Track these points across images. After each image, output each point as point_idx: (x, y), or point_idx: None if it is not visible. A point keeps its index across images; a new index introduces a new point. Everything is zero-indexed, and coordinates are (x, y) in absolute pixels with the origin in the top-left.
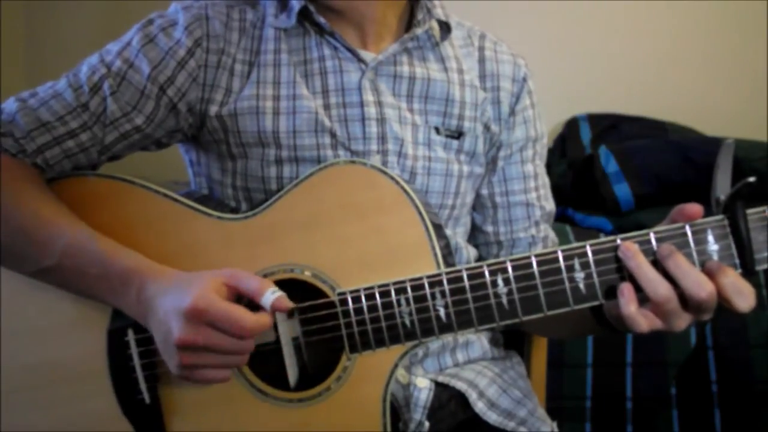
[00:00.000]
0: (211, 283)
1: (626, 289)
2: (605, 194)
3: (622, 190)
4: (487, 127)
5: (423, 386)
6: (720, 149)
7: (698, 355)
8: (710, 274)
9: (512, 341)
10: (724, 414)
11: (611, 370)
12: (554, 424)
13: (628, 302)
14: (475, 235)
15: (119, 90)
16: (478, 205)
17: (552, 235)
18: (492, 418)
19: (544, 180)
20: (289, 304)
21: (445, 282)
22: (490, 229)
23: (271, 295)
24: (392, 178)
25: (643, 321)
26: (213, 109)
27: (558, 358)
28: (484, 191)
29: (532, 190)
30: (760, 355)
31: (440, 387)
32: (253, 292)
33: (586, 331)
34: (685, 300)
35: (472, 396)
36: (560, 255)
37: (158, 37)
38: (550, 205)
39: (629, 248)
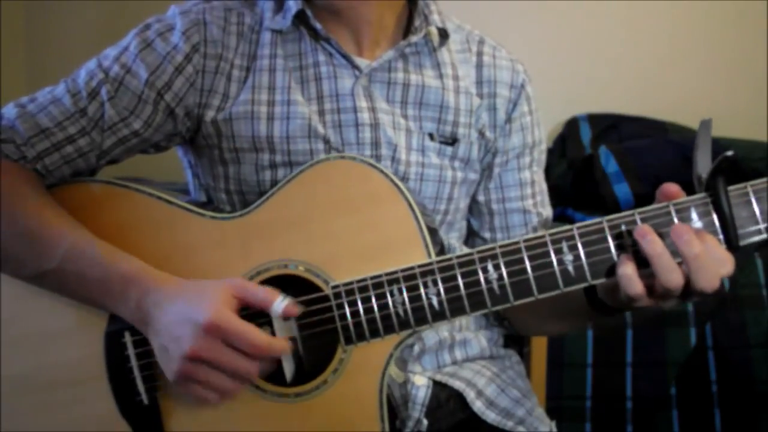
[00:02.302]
0: (222, 297)
1: (624, 257)
2: (605, 194)
3: (622, 190)
4: (482, 134)
5: (421, 384)
6: (698, 127)
7: (698, 355)
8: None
9: (512, 340)
10: (724, 414)
11: (611, 370)
12: (553, 424)
13: (626, 263)
14: (472, 240)
15: (117, 95)
16: (475, 211)
17: None
18: (490, 417)
19: (542, 186)
20: (298, 309)
21: (436, 271)
22: (487, 235)
23: (281, 303)
24: (382, 171)
25: (638, 283)
26: (210, 114)
27: (558, 358)
28: (481, 198)
29: (529, 197)
30: (760, 355)
31: (439, 386)
32: (261, 303)
33: (580, 320)
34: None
35: (471, 395)
36: (548, 239)
37: (155, 42)
38: (547, 212)
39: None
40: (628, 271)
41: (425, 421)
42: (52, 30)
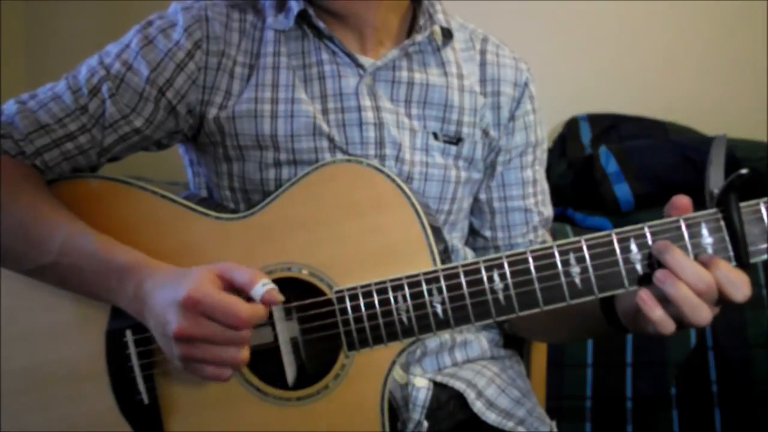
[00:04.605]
0: (206, 275)
1: (645, 296)
2: (605, 194)
3: (622, 190)
4: (485, 133)
5: (421, 386)
6: (712, 143)
7: (698, 355)
8: (703, 266)
9: (512, 341)
10: (724, 414)
11: (611, 370)
12: (553, 424)
13: (652, 308)
14: (473, 239)
15: (118, 92)
16: (476, 209)
17: (549, 240)
18: (491, 417)
19: (543, 186)
20: (279, 297)
21: (441, 279)
22: (488, 234)
23: (262, 288)
24: (389, 176)
25: (670, 323)
26: (212, 112)
27: (558, 358)
28: (483, 196)
29: (531, 195)
30: (760, 355)
31: (439, 387)
32: (244, 284)
33: (594, 333)
34: None
35: (471, 396)
36: (556, 250)
37: (157, 38)
38: (548, 211)
39: (664, 243)
40: (657, 314)
41: (426, 423)
42: (52, 30)
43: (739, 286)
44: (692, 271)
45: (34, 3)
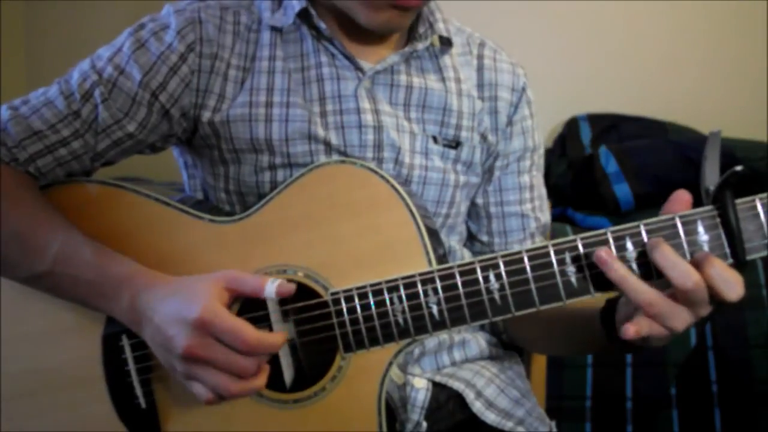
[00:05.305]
0: (214, 291)
1: (632, 328)
2: (605, 194)
3: (622, 190)
4: (483, 137)
5: (420, 386)
6: (707, 139)
7: (698, 355)
8: (697, 264)
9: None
10: (724, 414)
11: (611, 370)
12: (552, 424)
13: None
14: (471, 244)
15: (110, 97)
16: (473, 214)
17: None
18: (490, 418)
19: (540, 191)
20: (291, 286)
21: (437, 279)
22: (485, 239)
23: (272, 286)
24: (383, 177)
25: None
26: (206, 115)
27: (558, 358)
28: (480, 200)
29: (528, 201)
30: (760, 355)
31: (438, 387)
32: (253, 290)
33: (593, 347)
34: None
35: (470, 396)
36: (551, 249)
37: (149, 41)
38: (545, 217)
39: (655, 241)
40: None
41: (425, 424)
42: (52, 30)
43: (733, 285)
44: (681, 270)
45: (34, 3)
